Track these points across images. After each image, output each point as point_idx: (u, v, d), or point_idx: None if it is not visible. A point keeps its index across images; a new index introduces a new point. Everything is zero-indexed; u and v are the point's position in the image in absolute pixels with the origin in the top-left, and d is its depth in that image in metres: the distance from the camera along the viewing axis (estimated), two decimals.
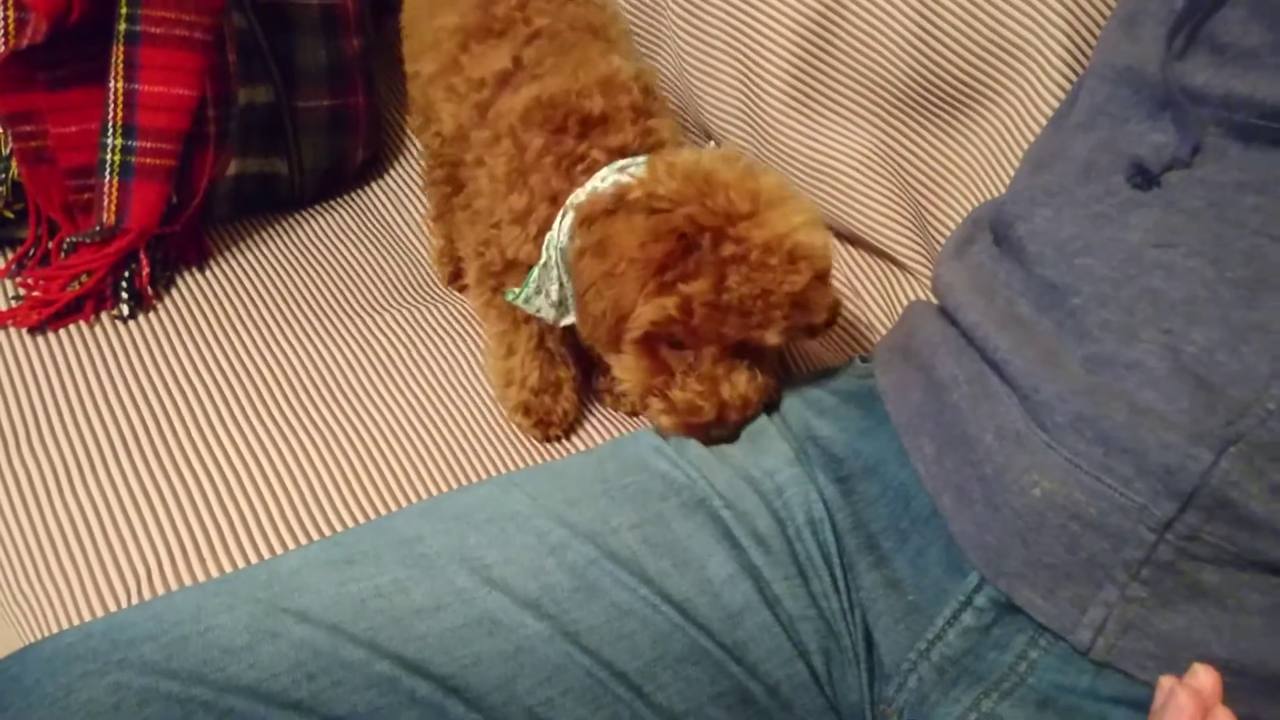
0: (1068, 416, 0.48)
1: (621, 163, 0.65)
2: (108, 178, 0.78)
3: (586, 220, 0.62)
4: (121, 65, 0.77)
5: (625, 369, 0.64)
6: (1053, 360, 0.50)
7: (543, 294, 0.67)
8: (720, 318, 0.59)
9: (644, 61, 0.76)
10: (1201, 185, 0.50)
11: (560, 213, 0.65)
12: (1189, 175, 0.51)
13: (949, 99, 0.79)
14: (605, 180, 0.64)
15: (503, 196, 0.68)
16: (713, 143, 0.87)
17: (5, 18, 0.76)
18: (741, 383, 0.62)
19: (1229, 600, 0.45)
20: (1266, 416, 0.44)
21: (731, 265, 0.58)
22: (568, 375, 0.75)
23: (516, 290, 0.68)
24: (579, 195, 0.64)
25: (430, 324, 0.83)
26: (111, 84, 0.77)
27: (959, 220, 0.79)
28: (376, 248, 0.90)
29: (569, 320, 0.68)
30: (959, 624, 0.52)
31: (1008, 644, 0.50)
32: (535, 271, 0.66)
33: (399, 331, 0.81)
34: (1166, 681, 0.40)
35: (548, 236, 0.65)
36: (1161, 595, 0.46)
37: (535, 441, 0.74)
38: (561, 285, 0.66)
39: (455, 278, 0.86)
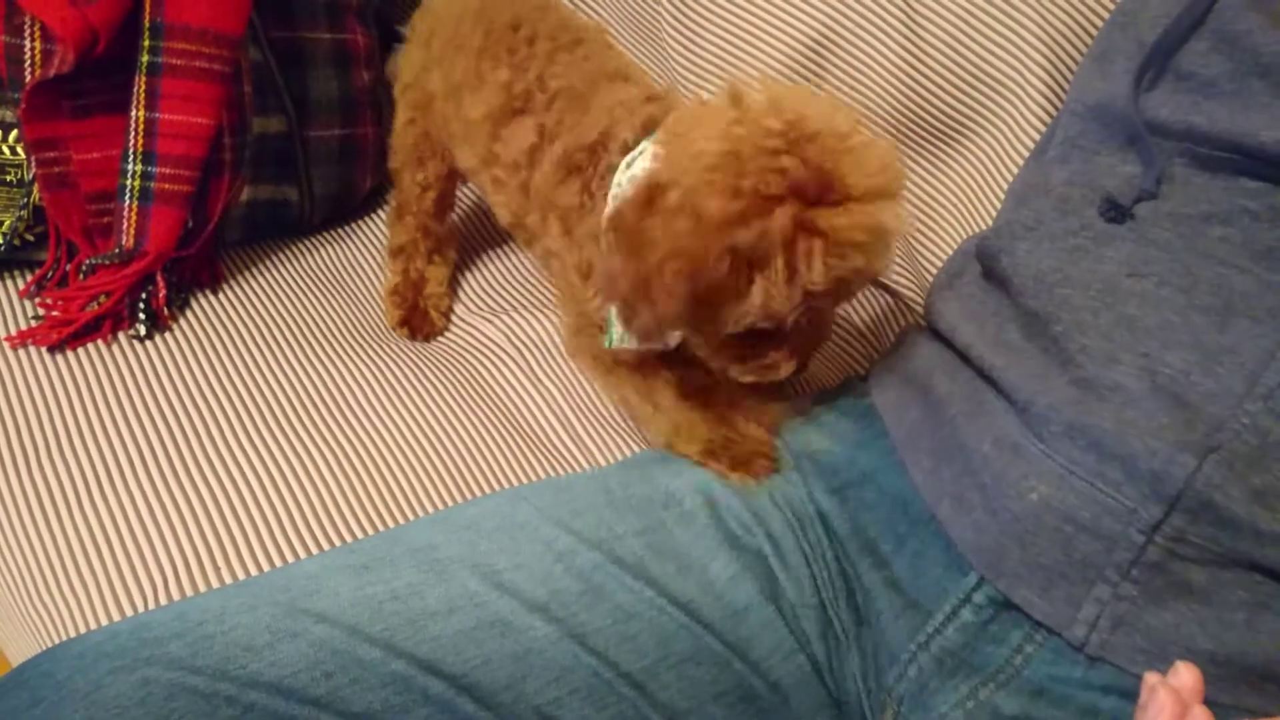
0: (1061, 427, 0.51)
1: (626, 159, 0.61)
2: (128, 202, 0.81)
3: (611, 225, 0.56)
4: (144, 95, 0.79)
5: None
6: (1044, 377, 0.53)
7: None
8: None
9: (664, 88, 0.72)
10: (1170, 218, 0.53)
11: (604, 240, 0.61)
12: (1158, 208, 0.54)
13: (936, 131, 0.82)
14: (621, 184, 0.61)
15: (568, 267, 0.66)
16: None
17: (33, 49, 0.79)
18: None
19: (1214, 598, 0.48)
20: (1242, 430, 0.47)
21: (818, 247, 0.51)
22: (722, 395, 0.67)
23: (610, 335, 0.64)
24: (606, 212, 0.61)
25: (432, 347, 0.86)
26: (133, 112, 0.80)
27: (947, 248, 0.82)
28: (383, 272, 0.93)
29: (676, 338, 0.62)
30: (958, 620, 0.54)
31: (1005, 639, 0.53)
32: (612, 310, 0.63)
33: (406, 352, 0.83)
34: (1151, 678, 0.42)
35: None
36: (1151, 593, 0.49)
37: (541, 458, 0.76)
38: None
39: (405, 321, 0.85)
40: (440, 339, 0.87)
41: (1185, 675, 0.42)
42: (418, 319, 0.86)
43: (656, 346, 0.64)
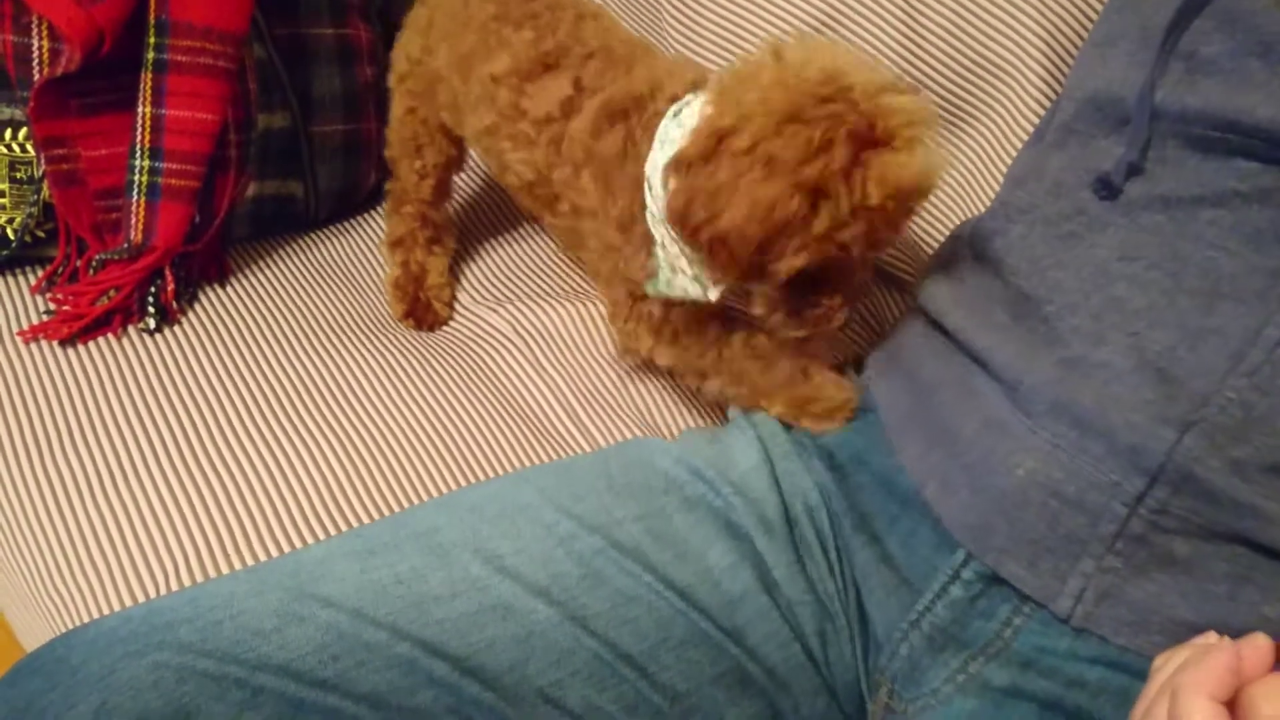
0: (1047, 404, 0.52)
1: (674, 108, 0.62)
2: (135, 198, 0.82)
3: (674, 168, 0.57)
4: (150, 92, 0.80)
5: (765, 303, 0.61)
6: (1031, 356, 0.54)
7: (678, 272, 0.64)
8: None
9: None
10: (1161, 202, 0.54)
11: (646, 187, 0.63)
12: (1150, 191, 0.54)
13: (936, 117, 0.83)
14: (669, 129, 0.61)
15: (606, 221, 0.66)
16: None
17: (40, 48, 0.80)
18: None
19: (1196, 569, 0.49)
20: (1226, 405, 0.48)
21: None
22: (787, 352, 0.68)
23: (654, 281, 0.65)
24: (653, 158, 0.62)
25: (437, 337, 0.87)
26: (140, 109, 0.81)
27: (946, 233, 0.83)
28: (385, 265, 0.94)
29: (717, 291, 0.63)
30: (947, 596, 0.55)
31: (993, 613, 0.54)
32: (658, 254, 0.64)
33: (411, 342, 0.85)
34: (1159, 661, 0.43)
35: (648, 216, 0.63)
36: (1135, 565, 0.50)
37: (545, 444, 0.77)
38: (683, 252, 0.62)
39: (409, 313, 0.86)
40: (445, 329, 0.88)
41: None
42: (421, 310, 0.87)
43: (701, 298, 0.65)
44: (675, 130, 0.60)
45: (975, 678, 0.54)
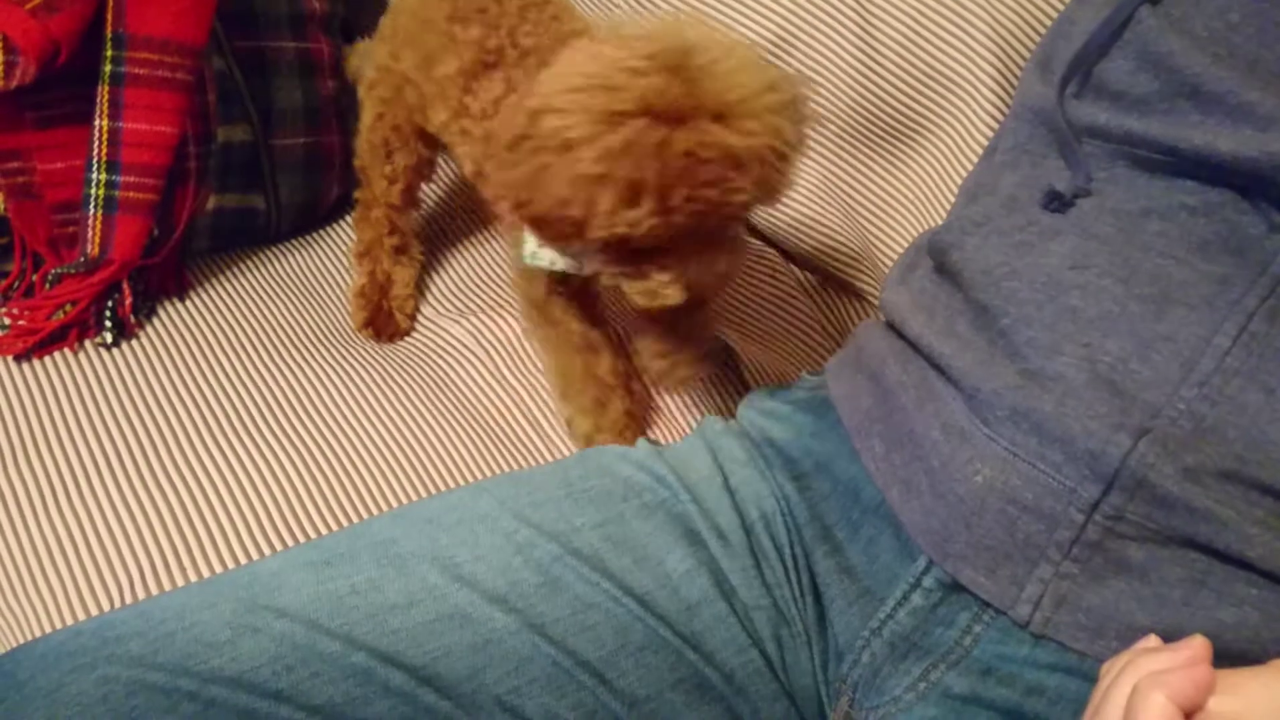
0: (1006, 411, 0.52)
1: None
2: (92, 211, 0.81)
3: (499, 144, 0.60)
4: (107, 105, 0.80)
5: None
6: (990, 365, 0.55)
7: (546, 248, 0.67)
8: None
9: None
10: (1111, 214, 0.55)
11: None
12: (1100, 204, 0.56)
13: (891, 130, 0.84)
14: None
15: None
16: None
17: None
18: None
19: (1152, 575, 0.49)
20: (1177, 416, 0.49)
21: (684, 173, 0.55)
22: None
23: (521, 252, 0.68)
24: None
25: (399, 349, 0.86)
26: (97, 122, 0.80)
27: (902, 245, 0.84)
28: (349, 279, 0.94)
29: (594, 266, 0.66)
30: (908, 604, 0.55)
31: (954, 620, 0.54)
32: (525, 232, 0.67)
33: (372, 355, 0.84)
34: (1105, 667, 0.43)
35: None
36: (1091, 571, 0.50)
37: (502, 452, 0.77)
38: None
39: (369, 323, 0.87)
40: (407, 340, 0.88)
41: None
42: (382, 320, 0.87)
43: (569, 268, 0.68)
44: None
45: (936, 685, 0.54)
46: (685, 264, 0.60)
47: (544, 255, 0.68)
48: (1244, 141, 0.50)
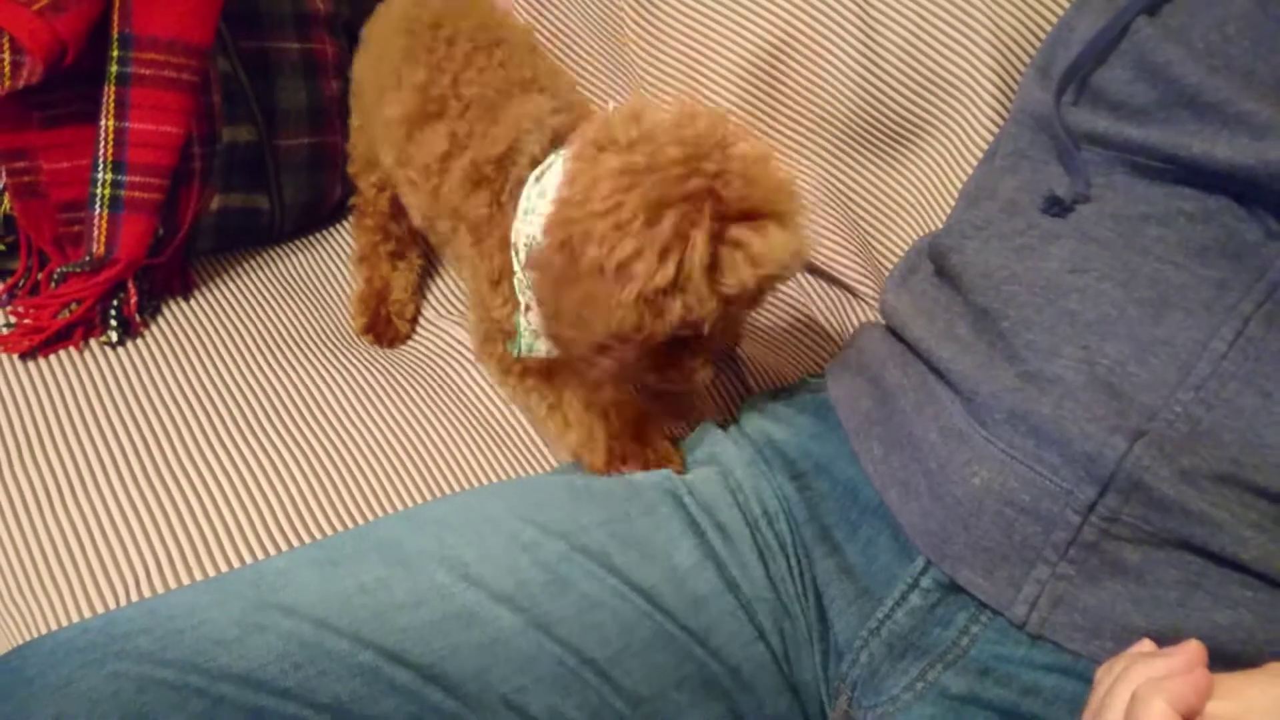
0: (1004, 414, 0.53)
1: (534, 172, 0.64)
2: (98, 211, 0.81)
3: (532, 266, 0.59)
4: (113, 105, 0.80)
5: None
6: (989, 368, 0.56)
7: (540, 338, 0.67)
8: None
9: (577, 95, 0.75)
10: (1111, 219, 0.56)
11: (512, 252, 0.65)
12: (1100, 209, 0.56)
13: (891, 133, 0.85)
14: (530, 197, 0.63)
15: (476, 275, 0.69)
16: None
17: (1, 60, 0.79)
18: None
19: (1148, 576, 0.50)
20: (1174, 419, 0.49)
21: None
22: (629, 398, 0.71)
23: (515, 343, 0.68)
24: (517, 227, 0.64)
25: (403, 351, 0.87)
26: (103, 122, 0.80)
27: (902, 248, 0.84)
28: (352, 279, 0.94)
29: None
30: (907, 604, 0.56)
31: (951, 620, 0.55)
32: (520, 318, 0.67)
33: (376, 356, 0.85)
34: (1101, 672, 0.44)
35: (515, 281, 0.66)
36: (1088, 573, 0.51)
37: (505, 454, 0.77)
38: None
39: (369, 328, 0.87)
40: (410, 342, 0.88)
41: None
42: (382, 326, 0.87)
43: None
44: (538, 198, 0.62)
45: (933, 685, 0.55)
46: (714, 345, 0.61)
47: (541, 345, 0.67)
48: (1241, 150, 0.51)
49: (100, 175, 0.81)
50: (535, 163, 0.65)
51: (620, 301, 0.54)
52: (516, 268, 0.65)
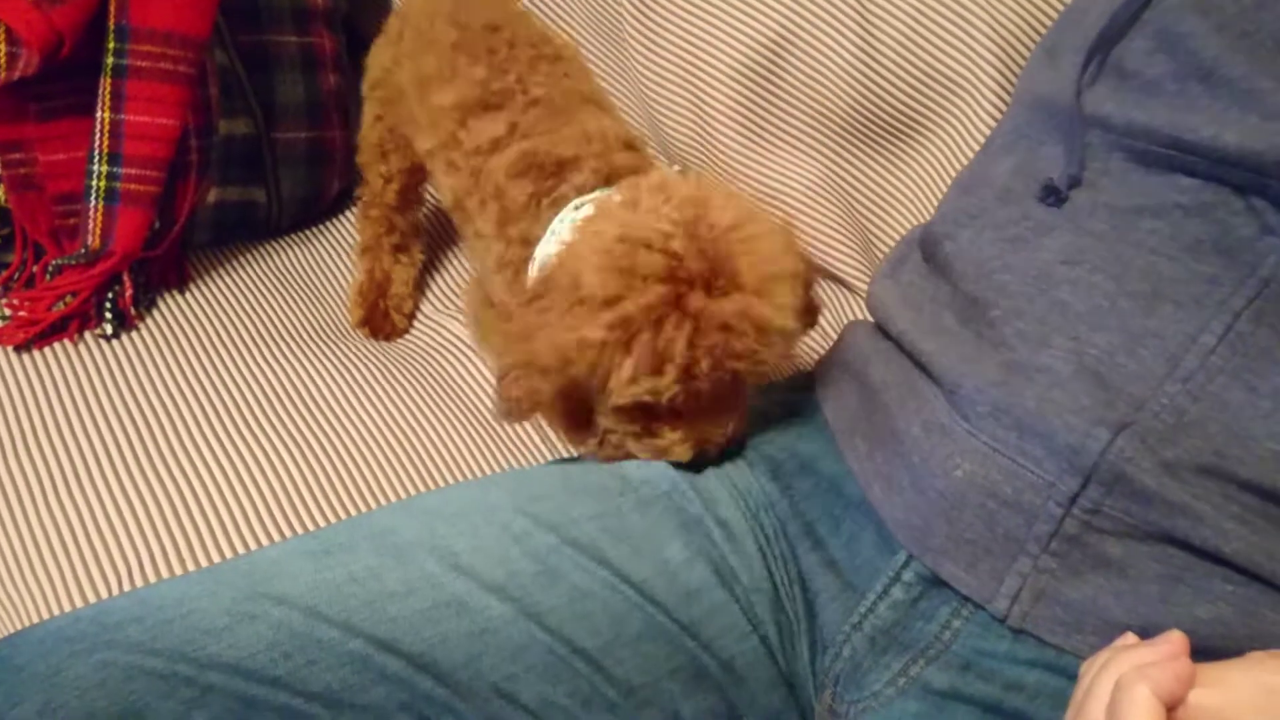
0: (987, 407, 0.53)
1: (577, 200, 0.66)
2: (94, 203, 0.82)
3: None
4: (109, 97, 0.81)
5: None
6: (972, 360, 0.55)
7: None
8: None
9: (633, 125, 0.78)
10: (1106, 209, 0.55)
11: (530, 263, 0.66)
12: (1095, 199, 0.56)
13: (890, 128, 0.84)
14: (563, 221, 0.65)
15: (492, 254, 0.70)
16: (676, 167, 0.91)
17: None
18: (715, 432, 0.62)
19: (1130, 570, 0.50)
20: (1160, 410, 0.49)
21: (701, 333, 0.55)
22: None
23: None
24: (543, 244, 0.65)
25: (400, 345, 0.87)
26: (99, 114, 0.81)
27: (897, 241, 0.84)
28: (349, 274, 0.94)
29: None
30: (889, 598, 0.56)
31: (933, 615, 0.54)
32: None
33: (372, 350, 0.85)
34: (1084, 666, 0.44)
35: (524, 280, 0.66)
36: (1070, 566, 0.50)
37: (499, 448, 0.77)
38: None
39: (366, 321, 0.88)
40: (407, 336, 0.88)
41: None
42: (379, 319, 0.88)
43: None
44: (565, 229, 0.63)
45: (916, 680, 0.55)
46: (696, 425, 0.61)
47: None
48: (1249, 132, 0.50)
49: (96, 167, 0.81)
50: (584, 190, 0.66)
51: (583, 340, 0.55)
52: (531, 270, 0.66)
